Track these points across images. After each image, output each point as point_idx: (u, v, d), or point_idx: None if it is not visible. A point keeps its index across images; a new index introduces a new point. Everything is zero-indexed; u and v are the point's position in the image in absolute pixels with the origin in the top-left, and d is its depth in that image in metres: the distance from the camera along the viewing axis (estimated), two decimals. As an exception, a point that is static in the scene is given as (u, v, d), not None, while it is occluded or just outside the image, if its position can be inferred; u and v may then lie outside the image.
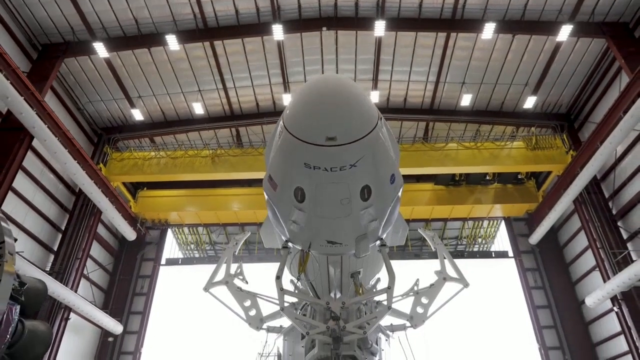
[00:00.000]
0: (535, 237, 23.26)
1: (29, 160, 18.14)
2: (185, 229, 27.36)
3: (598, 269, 19.32)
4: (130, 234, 23.42)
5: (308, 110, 3.36)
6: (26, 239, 18.32)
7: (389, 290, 5.15)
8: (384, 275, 6.95)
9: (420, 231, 8.94)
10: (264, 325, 6.84)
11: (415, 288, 6.94)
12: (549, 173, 22.97)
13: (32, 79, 17.34)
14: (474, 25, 19.60)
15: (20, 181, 17.72)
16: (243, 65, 22.08)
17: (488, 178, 23.97)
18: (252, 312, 6.71)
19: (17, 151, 16.61)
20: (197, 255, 28.82)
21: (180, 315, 22.72)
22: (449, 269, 7.02)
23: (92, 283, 22.57)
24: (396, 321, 7.63)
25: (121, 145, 24.65)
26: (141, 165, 23.12)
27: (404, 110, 24.25)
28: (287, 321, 6.47)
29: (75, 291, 19.40)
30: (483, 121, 24.21)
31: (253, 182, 24.74)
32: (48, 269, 19.17)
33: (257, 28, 20.24)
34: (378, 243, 5.21)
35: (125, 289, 24.47)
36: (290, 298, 6.68)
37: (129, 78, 22.12)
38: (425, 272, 7.44)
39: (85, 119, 23.45)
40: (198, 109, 23.58)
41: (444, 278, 6.83)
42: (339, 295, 6.42)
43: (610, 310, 19.07)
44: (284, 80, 22.73)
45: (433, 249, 7.74)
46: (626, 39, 18.46)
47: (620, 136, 16.75)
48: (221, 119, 24.67)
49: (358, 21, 20.23)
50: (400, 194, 4.55)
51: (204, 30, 20.29)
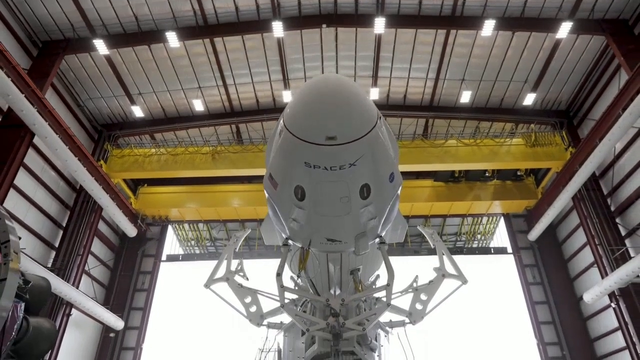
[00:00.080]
0: (534, 234, 23.35)
1: (30, 157, 18.17)
2: (186, 225, 27.45)
3: (596, 265, 19.41)
4: (130, 231, 23.50)
5: (308, 110, 3.39)
6: (27, 236, 18.38)
7: (388, 287, 5.21)
8: (383, 271, 7.02)
9: (419, 228, 8.99)
10: (265, 322, 6.87)
11: (414, 284, 7.00)
12: (548, 170, 23.04)
13: (33, 76, 17.31)
14: (473, 22, 19.60)
15: (21, 178, 17.77)
16: (243, 62, 22.08)
17: (487, 175, 24.06)
18: (253, 309, 6.75)
19: (18, 148, 16.63)
20: (198, 252, 28.96)
21: (181, 311, 22.81)
22: (448, 265, 7.07)
23: (93, 279, 22.65)
24: (395, 317, 7.67)
25: (122, 142, 24.68)
26: (142, 162, 23.18)
27: (404, 107, 24.27)
28: (288, 317, 6.54)
29: (77, 287, 19.48)
30: (482, 118, 24.24)
31: (253, 179, 24.79)
32: (49, 265, 19.25)
33: (257, 25, 20.24)
34: (377, 240, 5.26)
35: (126, 285, 24.55)
36: (290, 295, 6.77)
37: (129, 75, 22.13)
38: (425, 269, 7.47)
39: (86, 115, 23.48)
40: (198, 105, 23.59)
41: (442, 275, 6.89)
42: (338, 292, 6.45)
43: (608, 306, 19.16)
44: (284, 77, 22.74)
45: (432, 246, 7.79)
46: (626, 36, 18.48)
47: (619, 133, 16.81)
48: (221, 116, 24.68)
49: (358, 18, 20.23)
50: (399, 192, 4.60)
51: (204, 27, 20.28)
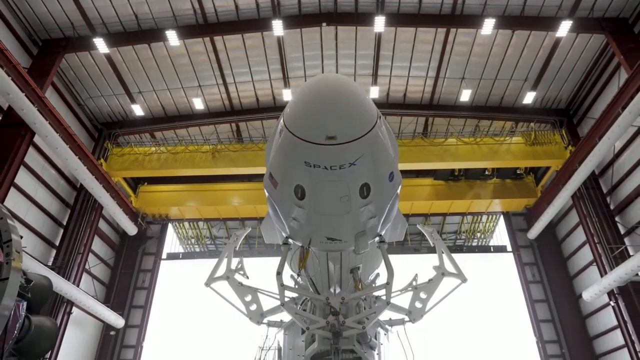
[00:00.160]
0: (534, 232, 23.40)
1: (30, 156, 18.20)
2: (186, 224, 27.49)
3: (595, 263, 19.44)
4: (131, 229, 23.53)
5: (308, 110, 3.41)
6: (28, 234, 18.42)
7: (388, 285, 5.23)
8: (383, 270, 7.05)
9: (419, 227, 9.03)
10: (265, 320, 6.88)
11: (413, 283, 7.02)
12: (548, 168, 23.08)
13: (33, 75, 17.32)
14: (473, 20, 19.60)
15: (22, 177, 17.78)
16: (243, 61, 22.08)
17: (487, 173, 24.06)
18: (253, 307, 6.76)
19: (19, 147, 16.67)
20: (198, 250, 28.99)
21: (182, 309, 22.86)
22: (448, 264, 7.10)
23: (94, 277, 22.69)
24: (395, 316, 7.69)
25: (122, 141, 24.68)
26: (142, 160, 23.21)
27: (404, 106, 24.28)
28: (288, 316, 6.57)
29: (77, 285, 19.53)
30: (482, 116, 24.26)
31: (253, 177, 24.83)
32: (50, 264, 19.28)
33: (257, 23, 20.24)
34: (377, 239, 5.27)
35: (126, 283, 24.60)
36: (290, 293, 6.79)
37: (129, 73, 22.13)
38: (424, 267, 7.49)
39: (86, 114, 23.48)
40: (198, 104, 23.60)
41: (442, 273, 6.91)
42: (338, 290, 6.48)
43: (607, 304, 19.21)
44: (284, 75, 22.74)
45: (432, 245, 7.82)
46: (626, 34, 18.48)
47: (619, 132, 16.82)
48: (221, 114, 24.69)
49: (358, 17, 20.22)
50: (399, 192, 4.62)
51: (204, 26, 20.27)
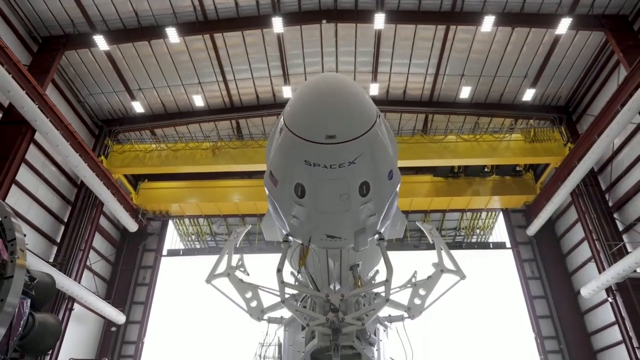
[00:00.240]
0: (533, 229, 23.49)
1: (31, 153, 18.26)
2: (186, 220, 27.55)
3: (594, 260, 19.54)
4: (131, 226, 23.62)
5: (308, 109, 3.44)
6: (29, 231, 18.46)
7: (387, 283, 5.27)
8: (382, 267, 7.09)
9: (418, 224, 9.05)
10: (265, 316, 6.91)
11: (413, 280, 7.06)
12: (547, 165, 23.12)
13: (33, 72, 17.37)
14: (473, 17, 19.61)
15: (23, 174, 17.86)
16: (243, 58, 22.10)
17: (486, 170, 24.10)
18: (254, 304, 6.80)
19: (20, 145, 16.72)
20: (198, 246, 29.07)
21: (182, 305, 22.99)
22: (446, 261, 7.15)
23: (95, 274, 22.81)
24: (394, 312, 7.71)
25: (122, 138, 24.73)
26: (142, 157, 23.24)
27: (404, 103, 24.31)
28: (288, 312, 6.63)
29: (79, 282, 19.64)
30: (482, 113, 24.29)
31: (253, 174, 24.90)
32: (51, 260, 19.37)
33: (257, 20, 20.25)
34: (376, 237, 5.32)
35: (127, 279, 24.74)
36: (290, 290, 6.85)
37: (129, 70, 22.15)
38: (424, 264, 7.55)
39: (86, 111, 23.52)
40: (198, 101, 23.64)
41: (441, 270, 6.94)
42: (338, 287, 6.53)
43: (605, 300, 19.33)
44: (284, 72, 22.77)
45: (431, 242, 7.88)
46: (625, 32, 18.47)
47: (618, 129, 16.86)
48: (221, 111, 24.72)
49: (358, 14, 20.22)
50: (398, 189, 4.68)
51: (203, 23, 20.28)
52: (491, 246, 25.88)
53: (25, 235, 3.65)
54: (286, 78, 22.97)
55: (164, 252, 26.13)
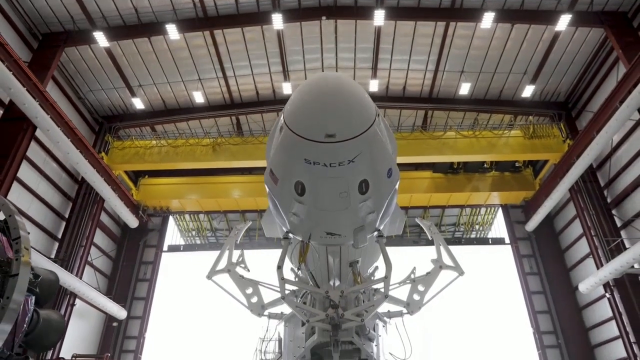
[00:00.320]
0: (532, 225, 23.60)
1: (32, 150, 18.32)
2: (187, 216, 27.65)
3: (592, 256, 19.65)
4: (132, 222, 23.72)
5: (308, 109, 3.49)
6: (31, 227, 18.53)
7: (386, 279, 5.35)
8: (381, 263, 7.15)
9: (417, 220, 9.14)
10: (266, 312, 6.95)
11: (412, 276, 7.14)
12: (546, 161, 23.19)
13: (33, 69, 17.37)
14: (473, 14, 19.60)
15: (24, 171, 17.92)
16: (243, 54, 22.09)
17: (486, 166, 24.17)
18: (254, 299, 6.85)
19: (21, 141, 16.76)
20: (199, 242, 29.16)
21: (183, 301, 23.10)
22: (445, 257, 7.22)
23: (96, 269, 22.91)
24: (393, 308, 7.77)
25: (122, 134, 24.78)
26: (142, 153, 23.30)
27: (403, 99, 24.34)
28: (288, 308, 6.71)
29: (80, 278, 19.75)
30: (481, 110, 24.31)
31: (253, 170, 24.94)
32: (53, 257, 19.46)
33: (257, 17, 20.24)
34: (376, 234, 5.39)
35: (128, 275, 24.84)
36: (291, 286, 6.94)
37: (129, 67, 22.16)
38: (423, 259, 7.62)
39: (87, 107, 23.55)
40: (198, 97, 23.65)
41: (440, 266, 7.00)
42: (337, 284, 6.59)
43: (603, 296, 19.45)
44: (284, 69, 22.77)
45: (430, 238, 7.94)
46: (625, 28, 18.48)
47: (617, 126, 16.92)
48: (221, 108, 24.74)
49: (357, 10, 20.22)
50: (397, 187, 4.75)
51: (203, 19, 20.27)
52: (490, 242, 26.00)
53: (29, 233, 3.73)
54: (286, 74, 22.98)
55: (165, 248, 26.23)
